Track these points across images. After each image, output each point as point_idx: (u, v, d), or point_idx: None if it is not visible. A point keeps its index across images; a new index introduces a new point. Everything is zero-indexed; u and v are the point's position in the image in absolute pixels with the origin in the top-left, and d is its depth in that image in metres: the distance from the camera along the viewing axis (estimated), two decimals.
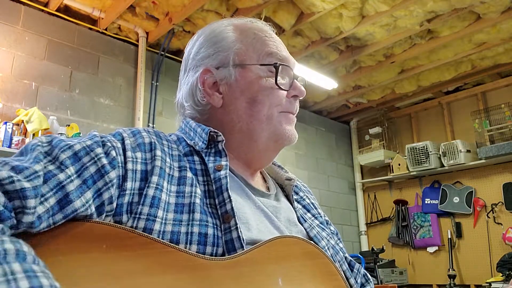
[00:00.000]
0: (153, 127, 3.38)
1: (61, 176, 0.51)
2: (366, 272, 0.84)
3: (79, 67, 3.10)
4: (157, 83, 3.49)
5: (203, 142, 0.71)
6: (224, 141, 0.71)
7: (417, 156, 4.45)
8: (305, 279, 0.65)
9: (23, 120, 2.56)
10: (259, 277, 0.59)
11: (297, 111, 0.80)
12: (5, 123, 2.50)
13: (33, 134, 2.54)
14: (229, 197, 0.63)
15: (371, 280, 0.83)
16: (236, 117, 0.75)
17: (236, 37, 0.77)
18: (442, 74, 4.25)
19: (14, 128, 2.52)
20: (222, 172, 0.66)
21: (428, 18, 3.31)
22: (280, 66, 0.75)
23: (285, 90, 0.76)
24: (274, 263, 0.62)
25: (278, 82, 0.75)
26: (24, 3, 2.88)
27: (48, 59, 2.94)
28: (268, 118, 0.74)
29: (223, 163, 0.68)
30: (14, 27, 2.82)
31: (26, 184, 0.46)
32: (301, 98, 0.80)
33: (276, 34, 0.83)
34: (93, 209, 0.53)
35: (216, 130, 0.71)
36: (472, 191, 4.34)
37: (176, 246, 0.55)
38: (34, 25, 2.91)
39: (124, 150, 0.61)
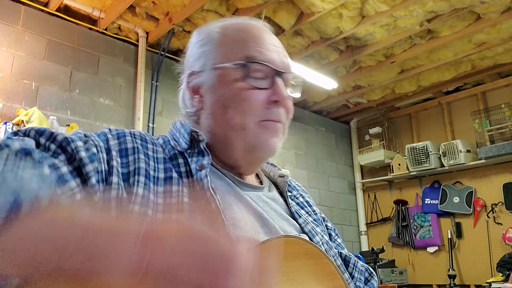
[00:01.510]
0: (153, 127, 3.38)
1: (56, 160, 0.53)
2: (368, 267, 0.83)
3: (79, 67, 3.10)
4: (157, 83, 3.49)
5: (185, 143, 0.71)
6: (205, 141, 0.70)
7: (417, 156, 4.45)
8: (305, 278, 0.65)
9: (23, 120, 2.56)
10: None
11: (284, 118, 0.73)
12: (5, 123, 2.50)
13: None
14: (212, 195, 0.63)
15: (374, 274, 0.83)
16: (213, 122, 0.73)
17: (218, 40, 0.75)
18: (442, 74, 4.25)
19: (14, 128, 2.52)
20: (203, 172, 0.66)
21: (428, 18, 3.31)
22: (256, 65, 0.70)
23: (261, 89, 0.71)
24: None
25: (252, 82, 0.70)
26: (24, 3, 2.88)
27: (48, 59, 2.94)
28: (241, 128, 0.70)
29: (205, 162, 0.67)
30: (14, 27, 2.82)
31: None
32: (283, 105, 0.73)
33: (276, 34, 0.82)
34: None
35: (197, 130, 0.71)
36: (472, 191, 4.34)
37: None
38: (34, 25, 2.91)
39: (108, 149, 0.62)
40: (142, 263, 0.35)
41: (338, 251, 0.81)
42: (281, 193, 0.83)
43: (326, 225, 0.87)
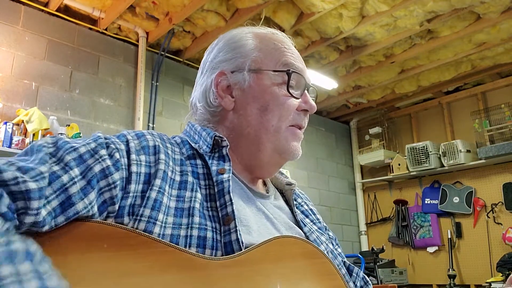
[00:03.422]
0: (153, 127, 3.39)
1: (65, 178, 0.52)
2: (365, 275, 0.85)
3: (79, 67, 3.10)
4: (157, 83, 3.49)
5: (207, 146, 0.71)
6: (228, 146, 0.72)
7: (417, 156, 4.45)
8: (303, 278, 0.65)
9: (23, 120, 2.56)
10: (258, 277, 0.59)
11: (306, 125, 0.80)
12: (5, 123, 2.50)
13: (33, 134, 2.54)
14: (231, 199, 0.63)
15: (370, 282, 0.84)
16: (245, 122, 0.75)
17: (255, 44, 0.78)
18: (442, 74, 4.25)
19: (14, 128, 2.52)
20: (225, 176, 0.66)
21: (428, 18, 3.31)
22: (293, 74, 0.76)
23: (296, 98, 0.76)
24: (272, 263, 0.62)
25: (290, 89, 0.75)
26: (24, 3, 2.88)
27: (48, 59, 2.94)
28: (276, 130, 0.75)
29: (226, 167, 0.68)
30: (14, 27, 2.82)
31: (32, 185, 0.47)
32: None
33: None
34: (96, 209, 0.54)
35: (221, 135, 0.72)
36: (472, 191, 4.34)
37: (176, 246, 0.56)
38: (34, 25, 2.91)
39: (129, 152, 0.61)
40: None
41: (343, 260, 0.82)
42: (287, 201, 0.84)
43: (328, 234, 0.88)
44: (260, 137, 0.74)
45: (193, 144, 0.73)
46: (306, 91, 0.78)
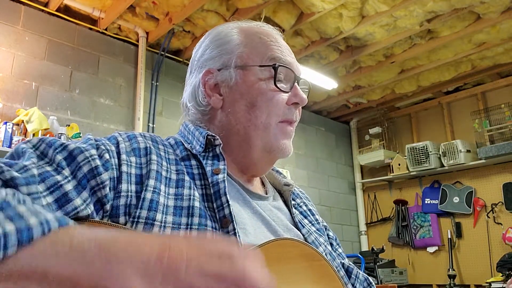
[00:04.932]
0: (153, 127, 3.38)
1: (59, 177, 0.52)
2: (367, 276, 0.83)
3: (79, 67, 3.10)
4: (157, 83, 3.49)
5: (200, 146, 0.71)
6: (221, 145, 0.71)
7: (417, 156, 4.45)
8: (302, 280, 0.65)
9: (23, 120, 2.56)
10: None
11: (298, 119, 0.78)
12: (5, 123, 2.50)
13: (33, 134, 2.54)
14: (227, 201, 0.63)
15: (373, 284, 0.83)
16: (234, 120, 0.74)
17: (240, 40, 0.76)
18: (442, 74, 4.25)
19: (14, 128, 2.52)
20: (220, 176, 0.66)
21: (428, 18, 3.31)
22: (280, 68, 0.74)
23: (285, 92, 0.74)
24: (272, 265, 0.62)
25: (277, 84, 0.73)
26: (24, 3, 2.88)
27: (48, 59, 2.94)
28: (265, 127, 0.73)
29: (221, 166, 0.68)
30: (14, 27, 2.82)
31: (15, 174, 0.47)
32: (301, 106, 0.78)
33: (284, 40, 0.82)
34: (92, 207, 0.54)
35: (213, 134, 0.71)
36: (472, 191, 4.34)
37: None
38: (34, 25, 2.91)
39: (119, 153, 0.61)
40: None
41: (341, 262, 0.81)
42: (285, 202, 0.83)
43: (327, 234, 0.87)
44: (249, 134, 0.73)
45: (186, 145, 0.72)
46: (296, 84, 0.76)
